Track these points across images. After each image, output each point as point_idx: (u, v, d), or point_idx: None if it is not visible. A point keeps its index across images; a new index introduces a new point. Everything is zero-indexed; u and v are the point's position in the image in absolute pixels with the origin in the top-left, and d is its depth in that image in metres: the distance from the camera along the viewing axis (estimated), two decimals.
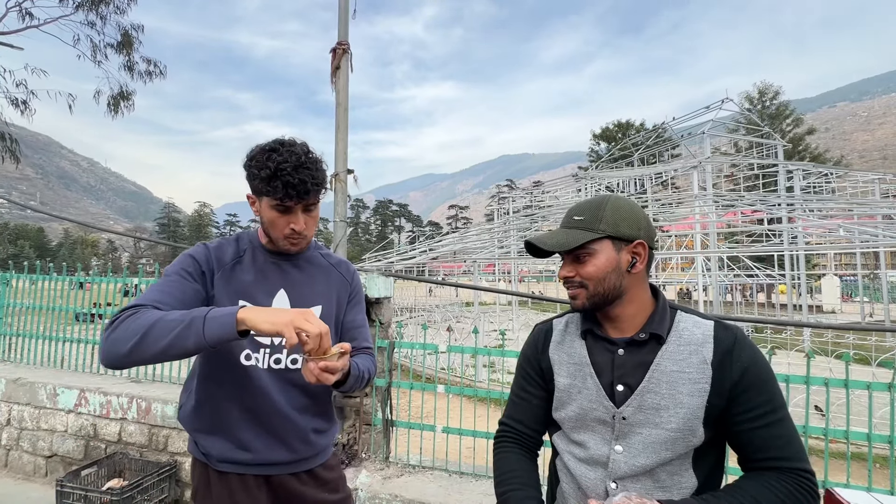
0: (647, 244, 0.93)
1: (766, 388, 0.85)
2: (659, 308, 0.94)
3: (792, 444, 0.83)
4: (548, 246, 0.93)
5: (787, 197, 14.20)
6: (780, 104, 32.94)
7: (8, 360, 3.97)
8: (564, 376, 0.99)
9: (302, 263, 1.31)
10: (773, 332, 11.61)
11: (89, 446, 3.15)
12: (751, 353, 0.87)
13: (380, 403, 2.77)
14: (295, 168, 1.10)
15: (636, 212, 0.94)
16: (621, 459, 0.88)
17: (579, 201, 1.00)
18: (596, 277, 0.91)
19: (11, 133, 12.40)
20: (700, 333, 0.89)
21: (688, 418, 0.84)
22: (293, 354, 1.24)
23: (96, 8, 11.60)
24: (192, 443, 1.29)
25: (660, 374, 0.87)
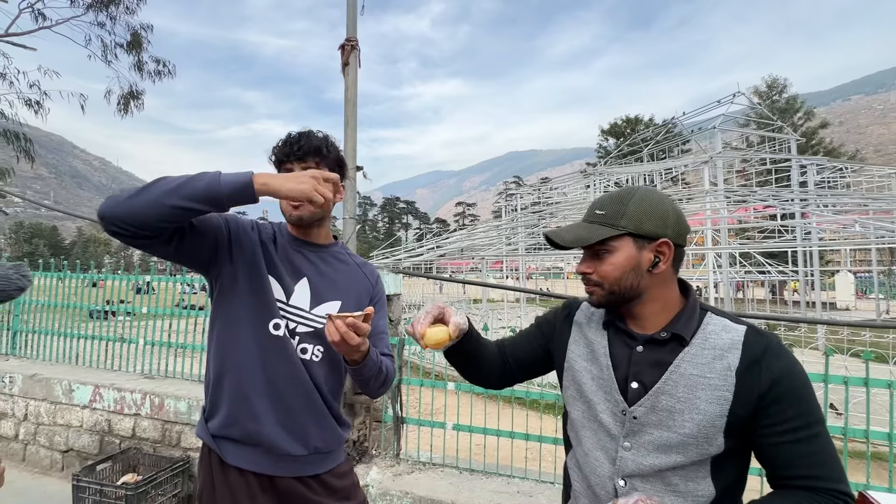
0: (675, 242, 0.87)
1: (799, 400, 0.79)
2: (687, 308, 0.89)
3: (828, 464, 0.77)
4: (564, 241, 0.89)
5: (801, 192, 13.96)
6: (790, 98, 32.40)
7: (25, 356, 4.04)
8: (580, 358, 0.98)
9: (327, 257, 1.32)
10: (787, 330, 11.45)
11: (104, 441, 3.20)
12: (784, 362, 0.81)
13: (390, 400, 2.77)
14: (299, 134, 1.23)
15: (664, 207, 0.87)
16: (629, 457, 0.86)
17: (604, 194, 0.94)
18: (612, 277, 0.86)
19: (26, 133, 12.59)
20: (728, 338, 0.84)
21: (703, 425, 0.81)
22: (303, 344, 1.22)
23: (106, 8, 11.72)
24: (201, 424, 1.25)
25: (678, 377, 0.83)
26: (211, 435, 1.21)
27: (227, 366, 1.20)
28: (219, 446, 1.20)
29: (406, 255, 14.83)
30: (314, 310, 1.25)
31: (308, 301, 1.25)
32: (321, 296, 1.26)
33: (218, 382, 1.21)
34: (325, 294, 1.27)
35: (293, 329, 1.22)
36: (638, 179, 19.91)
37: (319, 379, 1.24)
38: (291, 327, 1.22)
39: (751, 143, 28.06)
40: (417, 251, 15.23)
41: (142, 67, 12.49)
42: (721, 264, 13.55)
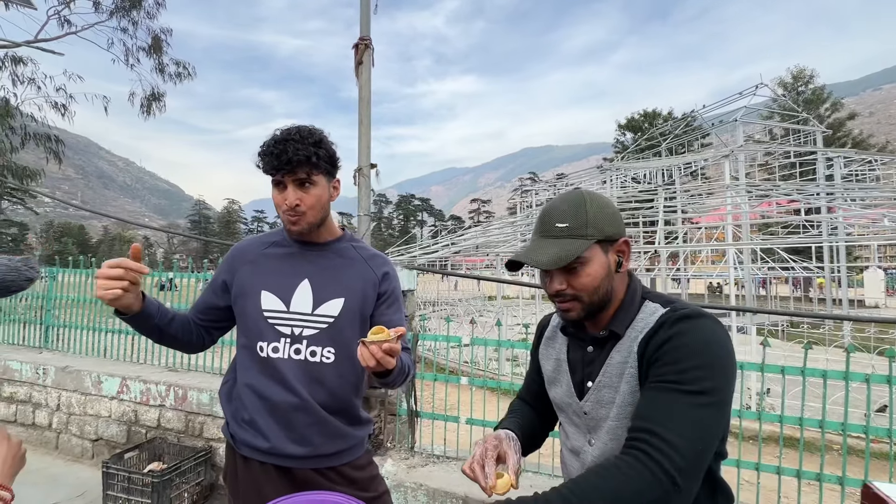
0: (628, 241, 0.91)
1: (680, 359, 0.75)
2: (625, 302, 0.90)
3: (666, 412, 0.71)
4: (542, 264, 0.83)
5: (827, 186, 13.52)
6: (816, 88, 31.33)
7: (56, 349, 4.22)
8: (549, 370, 1.04)
9: (329, 254, 1.31)
10: (811, 327, 11.14)
11: (131, 431, 3.33)
12: (679, 327, 0.78)
13: (404, 394, 2.81)
14: (280, 140, 1.15)
15: (612, 206, 0.89)
16: (590, 451, 0.91)
17: (553, 202, 0.91)
18: (591, 287, 0.85)
19: (55, 135, 13.07)
20: (645, 321, 0.85)
21: (624, 405, 0.84)
22: (312, 346, 1.23)
23: (128, 14, 12.06)
24: (224, 424, 1.33)
25: (612, 368, 0.87)
26: (231, 434, 1.29)
27: (233, 382, 1.30)
28: (237, 445, 1.26)
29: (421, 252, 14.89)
30: (317, 310, 1.24)
31: (310, 303, 1.24)
32: (323, 295, 1.25)
33: (229, 391, 1.31)
34: (326, 293, 1.25)
35: (299, 334, 1.22)
36: (656, 174, 19.56)
37: (332, 382, 1.24)
38: (297, 332, 1.22)
39: (774, 135, 27.25)
40: (432, 248, 15.28)
41: (163, 70, 12.83)
42: (742, 260, 13.23)
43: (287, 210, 1.19)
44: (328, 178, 1.24)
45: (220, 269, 1.35)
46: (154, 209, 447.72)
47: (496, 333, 2.83)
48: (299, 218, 1.20)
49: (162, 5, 12.45)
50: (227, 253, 1.36)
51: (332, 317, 1.24)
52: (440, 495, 2.38)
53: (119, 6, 11.88)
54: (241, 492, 1.25)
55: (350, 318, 1.26)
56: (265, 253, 1.30)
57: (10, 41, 10.15)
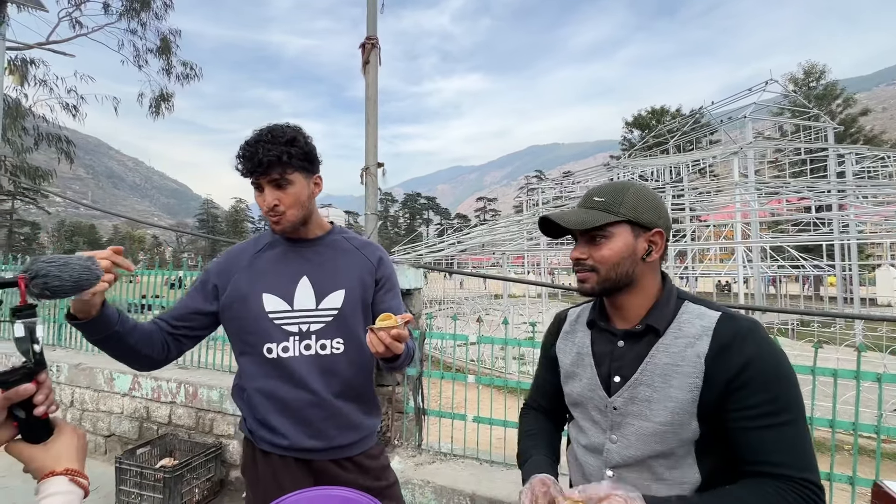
0: (665, 234, 0.91)
1: (769, 385, 0.78)
2: (662, 298, 0.91)
3: (796, 451, 0.76)
4: (566, 223, 0.89)
5: (838, 183, 13.34)
6: (828, 84, 30.87)
7: (70, 346, 4.29)
8: (567, 364, 1.03)
9: (323, 249, 1.32)
10: (821, 326, 11.01)
11: (143, 427, 3.38)
12: (754, 347, 0.80)
13: (411, 392, 2.83)
14: (251, 142, 1.15)
15: (658, 200, 0.92)
16: (614, 449, 0.90)
17: (599, 184, 0.97)
18: (609, 262, 0.88)
19: (66, 136, 13.25)
20: (700, 325, 0.85)
21: (677, 412, 0.82)
22: (321, 340, 1.25)
23: (138, 16, 12.19)
24: (242, 421, 1.34)
25: (653, 367, 0.86)
26: (249, 430, 1.30)
27: (243, 385, 1.30)
28: (255, 440, 1.28)
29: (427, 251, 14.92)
30: (321, 304, 1.26)
31: (313, 299, 1.26)
32: (324, 289, 1.27)
33: (241, 392, 1.31)
34: (327, 286, 1.27)
35: (307, 330, 1.25)
36: (664, 171, 19.40)
37: (345, 371, 1.27)
38: (304, 329, 1.25)
39: (784, 132, 26.92)
40: (438, 246, 15.30)
41: (171, 71, 12.94)
42: (752, 259, 13.11)
43: (267, 211, 1.20)
44: (306, 174, 1.23)
45: (209, 274, 1.31)
46: (163, 208, 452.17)
47: (503, 332, 2.83)
48: (280, 217, 1.21)
49: (170, 6, 12.56)
50: (219, 258, 1.34)
51: (336, 308, 1.27)
52: (447, 493, 2.39)
53: (128, 8, 12.00)
54: (261, 482, 1.27)
55: (353, 307, 1.29)
56: (259, 256, 1.31)
57: (23, 43, 10.30)
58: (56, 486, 0.67)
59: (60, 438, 0.73)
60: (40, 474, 0.69)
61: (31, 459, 0.70)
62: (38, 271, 0.75)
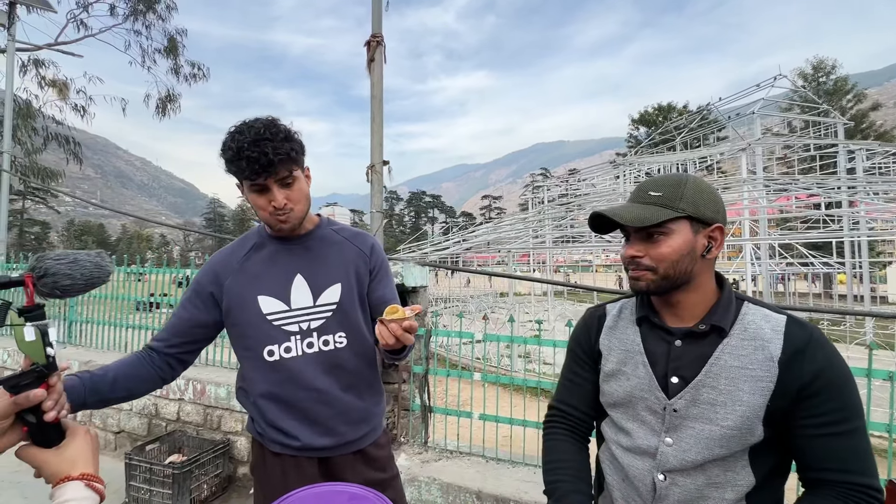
0: (724, 229, 0.88)
1: (839, 394, 0.78)
2: (724, 298, 0.88)
3: (859, 458, 0.76)
4: (622, 219, 0.84)
5: (848, 179, 13.16)
6: (839, 79, 30.43)
7: (79, 344, 4.34)
8: (613, 362, 0.96)
9: (313, 244, 1.29)
10: (831, 324, 10.89)
11: (152, 424, 3.42)
12: (827, 355, 0.79)
13: (417, 390, 2.83)
14: (253, 143, 1.07)
15: (716, 194, 0.88)
16: (670, 452, 0.85)
17: (653, 177, 0.91)
18: (669, 260, 0.84)
19: (74, 136, 13.39)
20: (769, 328, 0.82)
21: (746, 417, 0.80)
22: (323, 336, 1.25)
23: (144, 17, 12.29)
24: (250, 422, 1.33)
25: (719, 369, 0.82)
26: (258, 433, 1.30)
27: (248, 389, 1.28)
28: (265, 442, 1.28)
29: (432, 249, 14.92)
30: (319, 300, 1.25)
31: (310, 296, 1.24)
32: (320, 284, 1.25)
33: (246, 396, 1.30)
34: (322, 282, 1.25)
35: (307, 328, 1.23)
36: (670, 169, 19.25)
37: (350, 362, 1.26)
38: (305, 327, 1.23)
39: (794, 128, 26.61)
40: (444, 245, 15.30)
41: (178, 71, 13.03)
42: (760, 256, 12.98)
43: (275, 212, 1.15)
44: (302, 168, 1.20)
45: (201, 282, 1.26)
46: (170, 207, 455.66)
47: (508, 330, 2.83)
48: (288, 215, 1.17)
49: (174, 8, 12.65)
50: (206, 265, 1.29)
51: (334, 303, 1.26)
52: (454, 490, 2.40)
53: (134, 9, 12.10)
54: (270, 481, 1.27)
55: (351, 300, 1.28)
56: (248, 258, 1.27)
57: (33, 44, 10.41)
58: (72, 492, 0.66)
59: (73, 442, 0.71)
60: (54, 479, 0.67)
61: (43, 464, 0.68)
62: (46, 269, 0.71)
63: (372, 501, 0.83)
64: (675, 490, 0.84)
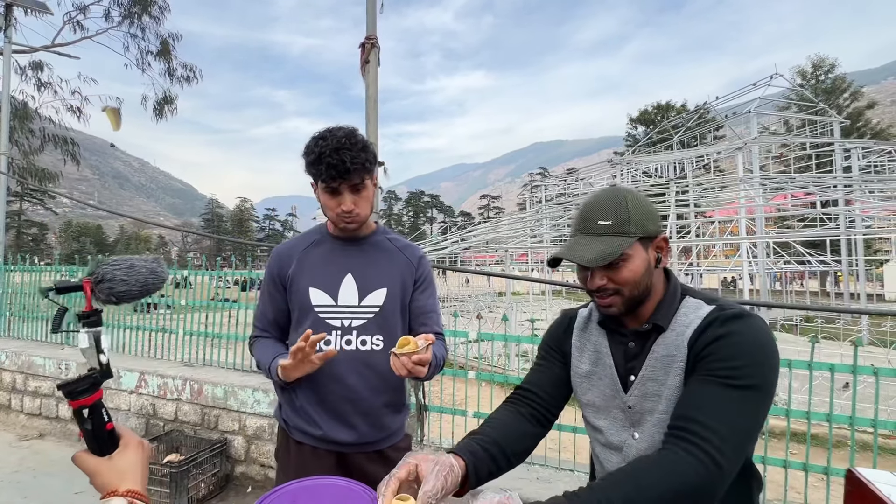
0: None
1: (730, 356, 0.78)
2: (667, 296, 0.93)
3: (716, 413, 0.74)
4: (589, 262, 0.86)
5: (844, 177, 13.22)
6: (837, 77, 30.53)
7: (76, 345, 4.35)
8: (586, 363, 1.01)
9: (367, 248, 1.39)
10: (826, 322, 10.93)
11: (149, 424, 3.43)
12: (732, 325, 0.81)
13: (413, 389, 2.86)
14: (335, 150, 1.18)
15: (650, 204, 0.93)
16: (635, 445, 0.91)
17: (593, 199, 0.93)
18: (633, 282, 0.88)
19: (72, 137, 13.39)
20: (694, 317, 0.87)
21: (673, 400, 0.84)
22: (362, 336, 1.31)
23: (139, 20, 12.30)
24: (277, 409, 1.41)
25: (654, 362, 0.88)
26: (283, 420, 1.37)
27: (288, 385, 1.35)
28: (290, 430, 1.35)
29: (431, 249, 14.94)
30: (364, 301, 1.32)
31: (356, 295, 1.32)
32: (367, 286, 1.33)
33: (283, 390, 1.36)
34: (370, 284, 1.34)
35: (349, 325, 1.30)
36: (668, 167, 19.30)
37: (382, 366, 1.27)
38: (346, 324, 1.30)
39: (790, 126, 26.70)
40: (442, 244, 15.33)
41: (172, 73, 13.04)
42: (757, 255, 13.04)
43: (342, 214, 1.26)
44: (371, 179, 1.30)
45: (272, 273, 1.38)
46: (168, 208, 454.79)
47: (504, 329, 2.85)
48: (354, 219, 1.28)
49: (166, 9, 12.66)
50: (272, 258, 1.41)
51: (377, 306, 1.33)
52: None
53: (128, 12, 12.10)
54: (291, 469, 1.33)
55: (394, 306, 1.35)
56: (307, 252, 1.37)
57: (30, 46, 10.40)
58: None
59: (126, 453, 0.69)
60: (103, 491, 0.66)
61: (95, 473, 0.67)
62: (103, 275, 0.71)
63: (359, 495, 0.85)
64: None
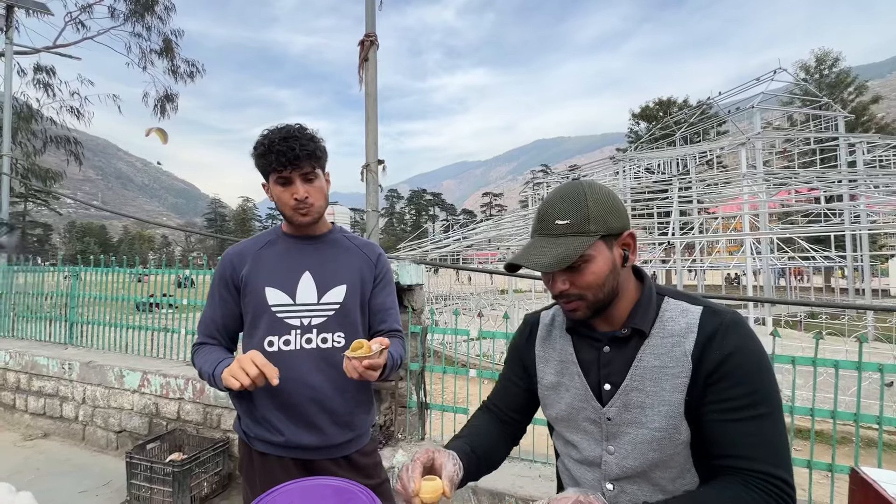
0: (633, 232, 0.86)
1: (748, 379, 0.75)
2: (643, 298, 0.86)
3: (766, 445, 0.73)
4: (544, 266, 0.78)
5: (849, 172, 13.13)
6: (841, 71, 30.28)
7: (81, 345, 4.38)
8: (551, 374, 0.94)
9: (325, 245, 1.37)
10: (830, 318, 10.87)
11: (152, 423, 3.45)
12: (736, 340, 0.77)
13: (414, 387, 2.85)
14: (282, 139, 1.20)
15: (614, 197, 0.85)
16: (612, 461, 0.84)
17: (551, 197, 0.86)
18: (596, 285, 0.81)
19: (75, 137, 13.44)
20: (685, 323, 0.81)
21: (670, 416, 0.79)
22: (322, 333, 1.28)
23: (142, 18, 12.31)
24: (236, 421, 1.37)
25: (642, 371, 0.82)
26: (243, 431, 1.33)
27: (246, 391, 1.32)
28: (250, 441, 1.31)
29: (433, 247, 14.94)
30: (323, 298, 1.30)
31: (315, 293, 1.30)
32: (326, 284, 1.31)
33: (240, 399, 1.32)
34: (329, 281, 1.32)
35: (308, 324, 1.28)
36: (670, 164, 19.22)
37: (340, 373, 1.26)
38: (306, 323, 1.28)
39: (794, 121, 26.52)
40: (444, 242, 15.32)
41: (176, 70, 13.05)
42: (760, 251, 12.97)
43: (296, 204, 1.25)
44: (323, 171, 1.31)
45: (224, 275, 1.34)
46: (171, 208, 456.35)
47: (505, 327, 2.84)
48: (308, 209, 1.26)
49: (172, 9, 12.66)
50: (224, 257, 1.38)
51: (337, 303, 1.31)
52: None
53: (133, 11, 12.11)
54: (258, 482, 1.29)
55: (354, 303, 1.33)
56: (263, 251, 1.34)
57: (31, 47, 10.43)
58: None
59: None
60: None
61: None
62: None
63: (356, 494, 0.85)
64: (623, 497, 0.84)
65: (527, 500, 2.24)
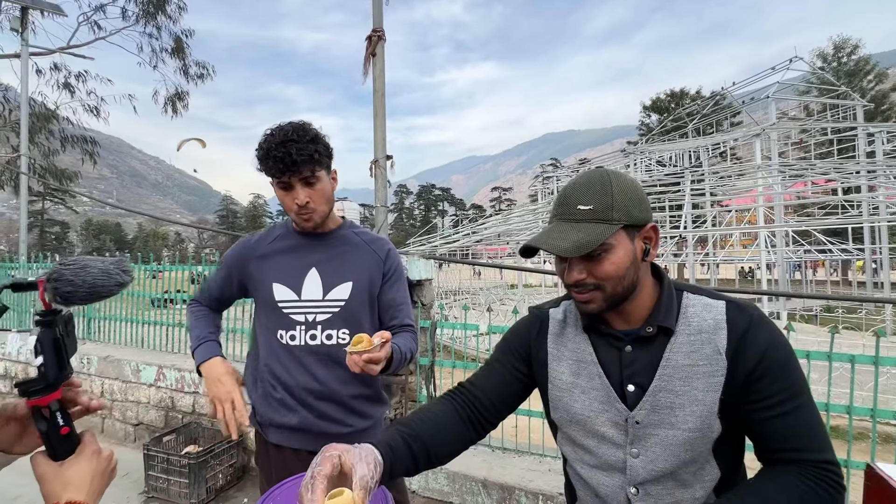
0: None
1: (785, 373, 0.76)
2: (664, 294, 0.84)
3: (814, 434, 0.75)
4: (564, 251, 0.75)
5: (868, 163, 12.81)
6: (860, 59, 29.41)
7: (98, 340, 4.48)
8: (566, 373, 0.89)
9: (333, 242, 1.36)
10: (847, 312, 10.65)
11: (168, 416, 3.52)
12: (767, 335, 0.77)
13: (423, 381, 2.87)
14: (280, 143, 1.17)
15: (640, 189, 0.82)
16: (639, 465, 0.81)
17: (574, 182, 0.83)
18: (615, 276, 0.78)
19: (92, 137, 13.68)
20: (711, 319, 0.79)
21: (704, 415, 0.77)
22: (327, 330, 1.29)
23: (154, 18, 12.44)
24: (251, 411, 1.38)
25: (671, 371, 0.79)
26: (257, 422, 1.36)
27: (255, 372, 1.36)
28: (264, 431, 1.35)
29: (442, 242, 14.96)
30: (328, 295, 1.30)
31: (320, 289, 1.30)
32: (332, 281, 1.31)
33: (253, 382, 1.36)
34: (335, 278, 1.31)
35: (313, 320, 1.29)
36: (682, 156, 18.93)
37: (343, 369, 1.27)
38: (311, 319, 1.29)
39: (811, 111, 25.90)
40: (453, 237, 15.33)
41: (187, 71, 13.20)
42: (775, 244, 12.74)
43: (298, 209, 1.24)
44: (327, 171, 1.29)
45: (229, 265, 1.39)
46: (184, 205, 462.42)
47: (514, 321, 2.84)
48: (311, 214, 1.26)
49: (184, 9, 12.77)
50: (233, 249, 1.40)
51: (342, 300, 1.31)
52: (460, 478, 2.44)
53: (144, 12, 12.25)
54: (273, 472, 1.32)
55: (360, 300, 1.33)
56: (271, 247, 1.36)
57: (45, 48, 10.61)
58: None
59: (77, 461, 0.64)
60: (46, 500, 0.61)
61: (42, 478, 0.62)
62: (53, 274, 0.66)
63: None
64: (648, 500, 0.83)
65: (536, 494, 2.25)
